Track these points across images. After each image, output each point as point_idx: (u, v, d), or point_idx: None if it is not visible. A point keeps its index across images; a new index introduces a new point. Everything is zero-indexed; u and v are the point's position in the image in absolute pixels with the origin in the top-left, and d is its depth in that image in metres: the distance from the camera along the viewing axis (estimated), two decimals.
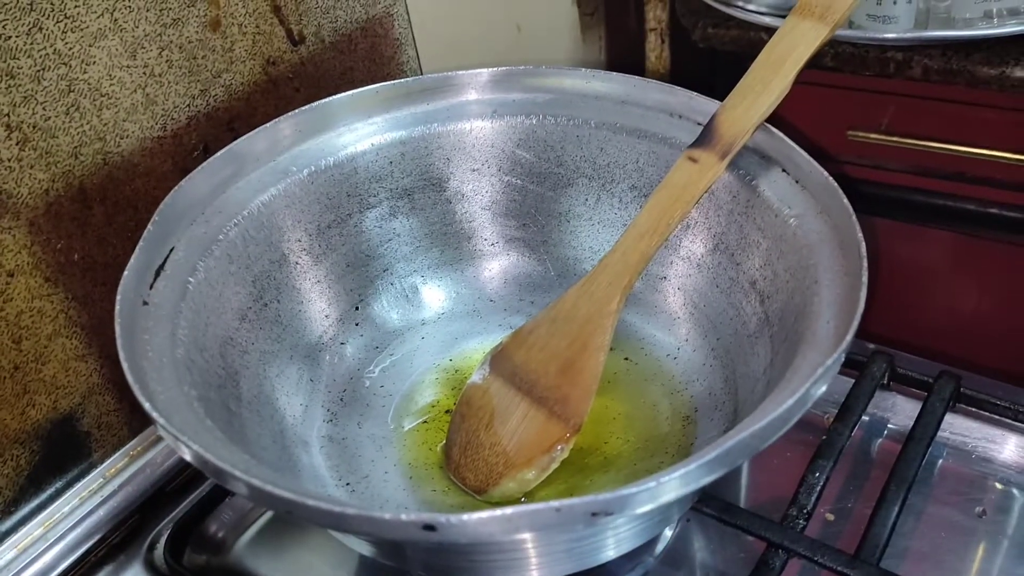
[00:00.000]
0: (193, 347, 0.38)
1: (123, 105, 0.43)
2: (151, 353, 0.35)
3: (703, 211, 0.46)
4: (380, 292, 0.50)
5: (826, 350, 0.33)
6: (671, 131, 0.46)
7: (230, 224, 0.43)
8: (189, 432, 0.31)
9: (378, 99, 0.47)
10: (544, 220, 0.51)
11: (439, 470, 0.43)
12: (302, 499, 0.28)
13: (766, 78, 0.41)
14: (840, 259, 0.37)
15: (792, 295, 0.39)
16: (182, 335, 0.38)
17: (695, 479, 0.28)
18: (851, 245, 0.36)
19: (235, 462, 0.30)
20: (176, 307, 0.38)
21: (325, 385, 0.46)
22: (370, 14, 0.54)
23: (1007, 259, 0.72)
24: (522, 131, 0.49)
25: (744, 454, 0.29)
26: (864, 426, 0.49)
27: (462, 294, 0.51)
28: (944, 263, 0.75)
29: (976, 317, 0.76)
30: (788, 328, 0.38)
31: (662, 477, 0.28)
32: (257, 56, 0.48)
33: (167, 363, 0.35)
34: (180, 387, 0.35)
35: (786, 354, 0.36)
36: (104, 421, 0.46)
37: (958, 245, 0.74)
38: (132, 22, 0.42)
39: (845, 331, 0.33)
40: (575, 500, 0.27)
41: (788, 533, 0.38)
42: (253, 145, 0.44)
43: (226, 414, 0.38)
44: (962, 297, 0.76)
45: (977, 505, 0.44)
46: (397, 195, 0.49)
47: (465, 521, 0.27)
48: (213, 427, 0.34)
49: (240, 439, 0.37)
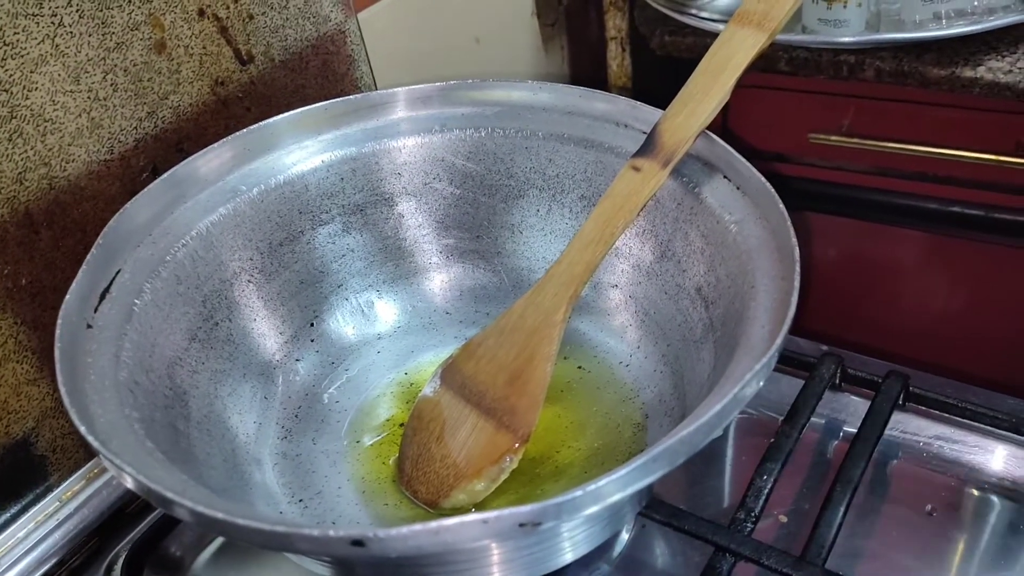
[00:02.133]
0: (138, 369, 0.38)
1: (68, 130, 0.43)
2: (93, 376, 0.35)
3: (650, 219, 0.46)
4: (334, 308, 0.50)
5: (759, 354, 0.33)
6: (617, 140, 0.47)
7: (178, 245, 0.43)
8: (127, 455, 0.32)
9: (326, 116, 0.48)
10: (496, 232, 0.51)
11: (392, 484, 0.44)
12: (233, 519, 0.28)
13: (706, 86, 0.42)
14: (777, 263, 0.37)
15: (733, 300, 0.39)
16: (126, 357, 0.38)
17: (623, 486, 0.28)
18: (786, 250, 0.37)
19: (170, 483, 0.30)
20: (121, 329, 0.39)
21: (279, 402, 0.46)
22: (321, 32, 0.55)
23: (970, 256, 0.73)
24: (471, 144, 0.49)
25: (672, 461, 0.29)
26: (819, 428, 0.49)
27: (417, 307, 0.51)
28: (905, 262, 0.76)
29: (939, 316, 0.76)
30: (729, 333, 0.38)
31: (588, 486, 0.28)
32: (205, 77, 0.49)
33: (109, 385, 0.36)
34: (121, 409, 0.35)
35: (726, 358, 0.37)
36: (59, 444, 0.46)
37: (922, 243, 0.75)
38: (74, 47, 0.42)
39: (777, 335, 0.33)
40: (502, 512, 0.27)
41: (735, 536, 0.39)
42: (200, 166, 0.44)
43: (172, 434, 0.38)
44: (925, 296, 0.76)
45: (928, 503, 0.44)
46: (349, 211, 0.49)
47: (393, 535, 0.27)
48: (154, 448, 0.34)
49: (187, 459, 0.37)
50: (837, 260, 0.78)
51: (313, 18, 0.54)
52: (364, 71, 0.58)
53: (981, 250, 0.71)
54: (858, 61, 0.64)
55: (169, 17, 0.46)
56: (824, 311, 0.70)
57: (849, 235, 0.76)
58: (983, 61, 0.61)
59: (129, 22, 0.44)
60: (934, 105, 0.67)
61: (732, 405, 0.31)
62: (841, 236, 0.77)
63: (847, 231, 0.76)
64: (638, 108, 0.46)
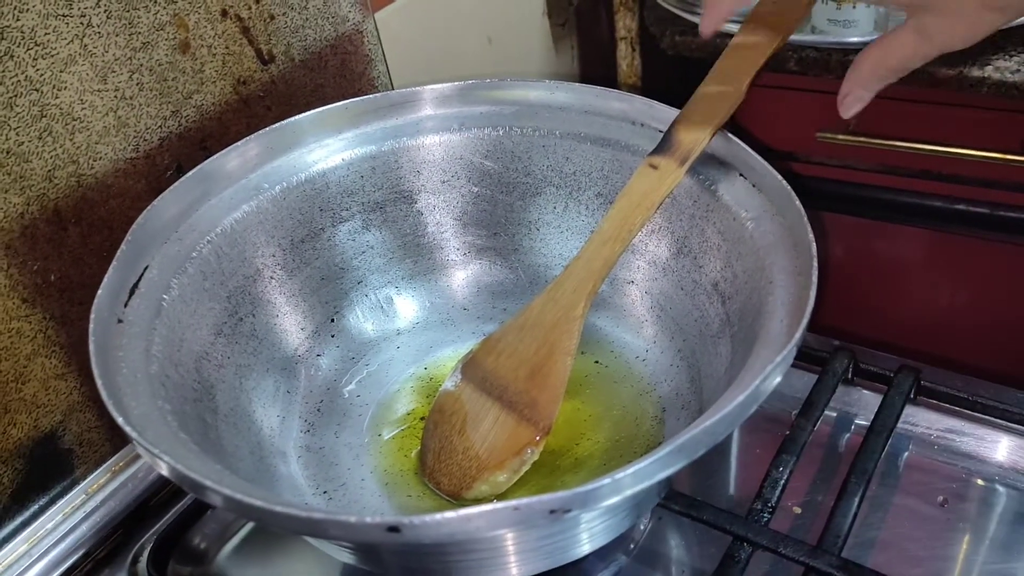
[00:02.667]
0: (168, 363, 0.39)
1: (95, 128, 0.44)
2: (125, 370, 0.36)
3: (666, 216, 0.47)
4: (355, 304, 0.51)
5: (778, 347, 0.34)
6: (633, 139, 0.48)
7: (203, 242, 0.44)
8: (162, 445, 0.32)
9: (347, 115, 0.49)
10: (514, 229, 0.52)
11: (414, 476, 0.44)
12: (271, 506, 0.29)
13: (722, 86, 0.43)
14: (794, 259, 0.38)
15: (750, 295, 0.40)
16: (156, 351, 0.39)
17: (648, 476, 0.29)
18: (803, 245, 0.37)
19: (206, 473, 0.31)
20: (150, 324, 0.39)
21: (302, 396, 0.47)
22: (339, 32, 0.55)
23: (976, 253, 0.74)
24: (489, 143, 0.50)
25: (693, 452, 0.30)
26: (832, 421, 0.50)
27: (435, 303, 0.52)
28: (915, 259, 0.77)
29: (948, 311, 0.77)
30: (747, 328, 0.39)
31: (616, 474, 0.29)
32: (227, 76, 0.49)
33: (141, 379, 0.36)
34: (154, 402, 0.36)
35: (744, 353, 0.38)
36: (86, 438, 0.47)
37: (929, 241, 0.75)
38: (102, 47, 0.43)
39: (796, 329, 0.34)
40: (532, 499, 0.28)
41: (752, 527, 0.39)
42: (224, 164, 0.45)
43: (202, 427, 0.39)
44: (934, 292, 0.77)
45: (939, 494, 0.45)
46: (369, 208, 0.50)
47: (427, 522, 0.28)
48: (187, 440, 0.35)
49: (216, 451, 0.38)
50: (845, 257, 0.79)
51: (332, 18, 0.55)
52: (381, 70, 0.59)
53: (987, 248, 0.72)
54: None
55: (193, 17, 0.47)
56: (835, 307, 0.71)
57: (857, 232, 0.77)
58: (991, 61, 0.62)
59: (155, 22, 0.45)
60: (940, 104, 0.67)
61: (753, 397, 0.31)
62: (849, 233, 0.77)
63: (855, 229, 0.77)
64: (654, 107, 0.46)
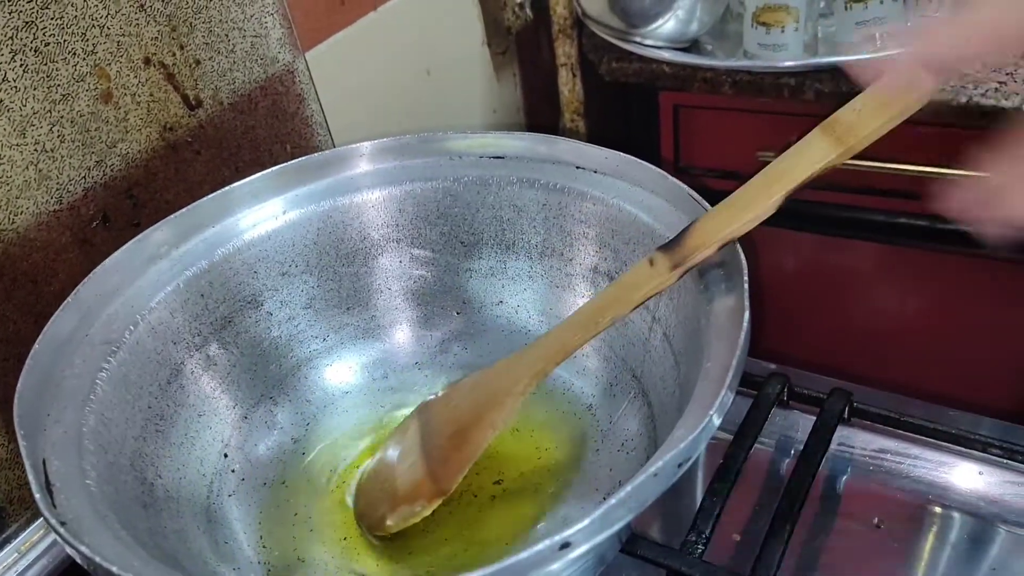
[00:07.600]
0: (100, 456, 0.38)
1: (15, 183, 0.43)
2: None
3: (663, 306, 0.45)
4: (291, 382, 0.50)
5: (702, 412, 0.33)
6: (575, 183, 0.48)
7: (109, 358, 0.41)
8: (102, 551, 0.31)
9: (282, 178, 0.48)
10: (460, 277, 0.52)
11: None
12: None
13: (754, 195, 0.38)
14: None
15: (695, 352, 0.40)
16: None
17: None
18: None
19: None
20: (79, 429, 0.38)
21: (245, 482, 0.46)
22: (269, 72, 0.55)
23: (915, 266, 0.75)
24: (433, 194, 0.50)
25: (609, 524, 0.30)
26: (772, 446, 0.50)
27: (385, 361, 0.52)
28: (855, 274, 0.78)
29: (887, 331, 0.78)
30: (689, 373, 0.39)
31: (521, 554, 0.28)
32: (153, 123, 0.49)
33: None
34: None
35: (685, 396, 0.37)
36: (16, 495, 0.46)
37: (870, 255, 0.76)
38: (19, 101, 0.43)
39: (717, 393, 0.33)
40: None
41: (685, 559, 0.40)
42: (134, 251, 0.44)
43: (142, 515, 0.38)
44: (875, 309, 0.78)
45: (875, 515, 0.45)
46: (310, 270, 0.50)
47: None
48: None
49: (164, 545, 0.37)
50: (784, 277, 0.80)
51: (261, 60, 0.55)
52: (315, 109, 0.59)
53: (927, 260, 0.73)
54: (799, 83, 0.66)
55: (115, 67, 0.47)
56: (773, 329, 0.71)
57: (796, 248, 0.78)
58: None
59: (75, 74, 0.45)
60: None
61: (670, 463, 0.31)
62: (789, 250, 0.78)
63: (795, 244, 0.77)
64: (584, 148, 0.47)
